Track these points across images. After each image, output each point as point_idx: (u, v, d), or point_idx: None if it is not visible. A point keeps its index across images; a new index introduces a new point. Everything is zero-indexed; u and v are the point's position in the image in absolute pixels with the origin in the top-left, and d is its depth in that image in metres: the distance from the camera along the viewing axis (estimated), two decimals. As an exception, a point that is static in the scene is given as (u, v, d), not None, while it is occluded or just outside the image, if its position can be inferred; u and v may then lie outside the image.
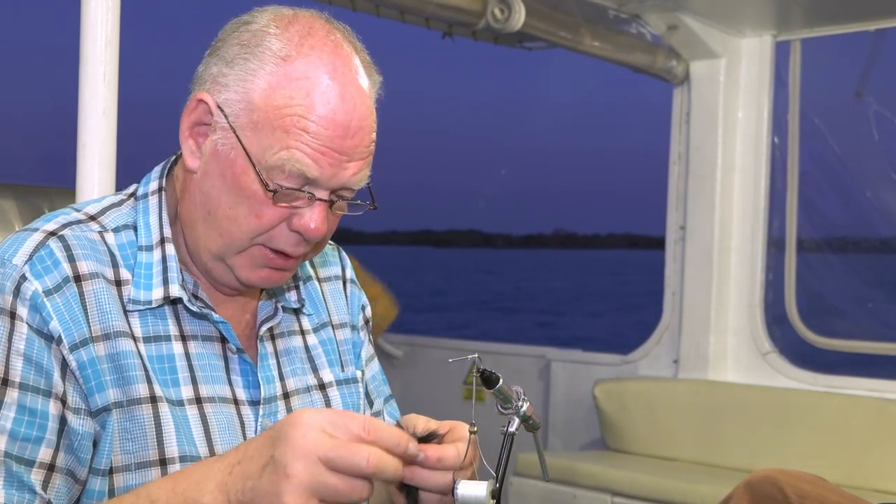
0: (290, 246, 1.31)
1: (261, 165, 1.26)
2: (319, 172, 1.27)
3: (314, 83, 1.26)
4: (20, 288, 1.24)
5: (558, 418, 5.05)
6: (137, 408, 1.27)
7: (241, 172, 1.28)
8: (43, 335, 1.23)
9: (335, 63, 1.28)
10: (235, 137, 1.28)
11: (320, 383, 1.46)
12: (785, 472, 1.84)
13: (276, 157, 1.26)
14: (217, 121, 1.30)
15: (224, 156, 1.29)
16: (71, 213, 1.35)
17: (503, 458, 1.22)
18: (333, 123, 1.26)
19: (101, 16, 1.98)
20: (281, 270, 1.34)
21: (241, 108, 1.28)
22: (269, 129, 1.26)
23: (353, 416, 1.12)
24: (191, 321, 1.35)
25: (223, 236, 1.31)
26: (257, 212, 1.28)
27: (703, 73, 4.56)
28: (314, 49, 1.28)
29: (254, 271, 1.33)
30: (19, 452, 1.20)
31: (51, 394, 1.23)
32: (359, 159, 1.30)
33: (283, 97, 1.26)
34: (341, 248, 1.63)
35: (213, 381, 1.34)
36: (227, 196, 1.29)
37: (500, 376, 1.24)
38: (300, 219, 1.29)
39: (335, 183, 1.29)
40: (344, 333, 1.53)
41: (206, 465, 1.17)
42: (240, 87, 1.28)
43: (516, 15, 3.80)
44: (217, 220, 1.30)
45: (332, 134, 1.26)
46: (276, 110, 1.26)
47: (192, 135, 1.33)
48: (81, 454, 1.25)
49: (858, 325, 4.71)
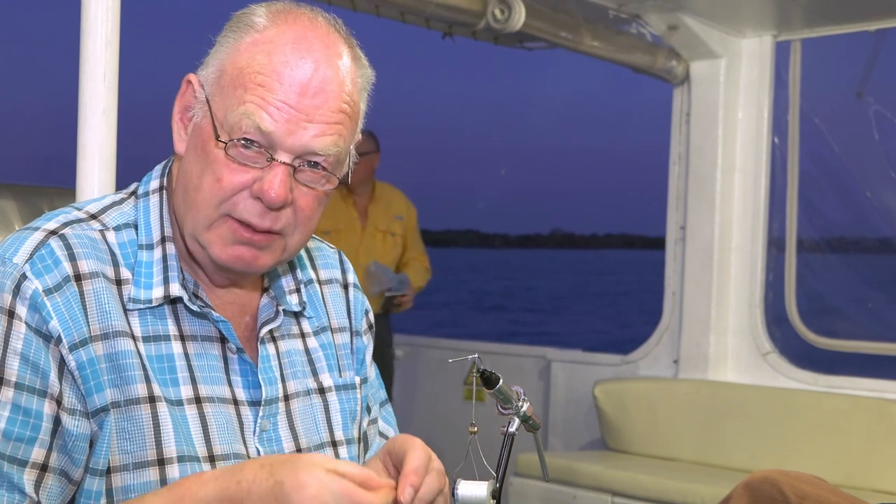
0: (255, 216, 1.29)
1: (222, 125, 1.28)
2: (274, 126, 1.26)
3: (277, 45, 1.28)
4: (20, 287, 1.24)
5: (558, 418, 5.05)
6: (136, 407, 1.26)
7: (207, 137, 1.29)
8: (42, 335, 1.23)
9: (306, 33, 1.30)
10: (207, 106, 1.30)
11: (319, 387, 1.45)
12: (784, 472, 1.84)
13: (235, 114, 1.27)
14: (198, 97, 1.32)
15: (198, 127, 1.31)
16: (71, 212, 1.34)
17: (503, 458, 1.23)
18: (290, 79, 1.27)
19: (101, 16, 1.98)
20: (251, 248, 1.31)
21: (214, 77, 1.31)
22: (231, 89, 1.28)
23: (355, 497, 1.14)
24: (190, 321, 1.34)
25: (192, 208, 1.31)
26: (218, 175, 1.28)
27: (704, 74, 4.56)
28: (288, 21, 1.31)
29: (224, 248, 1.31)
30: (12, 452, 1.20)
31: (46, 394, 1.23)
32: (321, 122, 1.28)
33: (246, 58, 1.28)
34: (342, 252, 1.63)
35: (213, 382, 1.33)
36: (196, 166, 1.30)
37: (500, 376, 1.24)
38: (260, 184, 1.28)
39: (293, 143, 1.27)
40: (342, 338, 1.53)
41: (202, 489, 1.18)
42: (216, 61, 1.31)
43: (516, 15, 3.80)
44: (190, 195, 1.31)
45: (289, 90, 1.26)
46: (238, 71, 1.28)
47: (182, 120, 1.35)
48: (75, 455, 1.25)
49: (858, 325, 4.71)
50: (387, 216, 5.12)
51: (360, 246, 5.00)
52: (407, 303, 5.11)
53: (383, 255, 5.05)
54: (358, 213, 5.04)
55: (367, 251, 5.01)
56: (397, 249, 5.15)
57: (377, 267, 5.01)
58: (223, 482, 1.17)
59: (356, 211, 5.04)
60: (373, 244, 5.04)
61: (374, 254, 5.00)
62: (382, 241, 5.09)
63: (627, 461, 4.40)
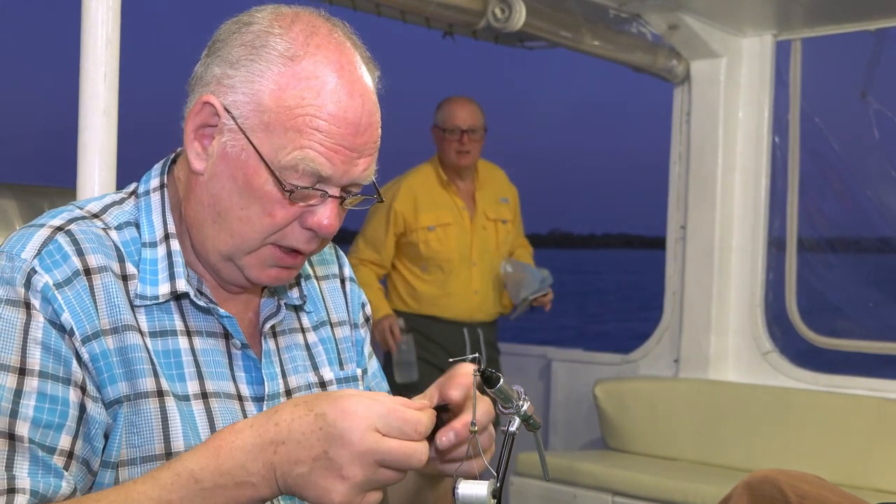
0: (303, 243, 1.32)
1: (274, 166, 1.27)
2: (332, 170, 1.28)
3: (323, 82, 1.27)
4: (31, 281, 1.24)
5: (559, 418, 5.05)
6: (144, 402, 1.27)
7: (253, 174, 1.28)
8: (56, 326, 1.24)
9: (341, 61, 1.29)
10: (246, 139, 1.28)
11: (321, 381, 1.46)
12: (784, 472, 1.84)
13: (290, 157, 1.26)
14: (225, 123, 1.30)
15: (234, 157, 1.29)
16: (75, 210, 1.35)
17: (504, 458, 1.22)
18: (345, 121, 1.27)
19: (101, 16, 1.98)
20: (290, 269, 1.36)
21: (251, 109, 1.28)
22: (282, 130, 1.27)
23: (402, 414, 1.14)
24: (196, 317, 1.35)
25: (234, 237, 1.31)
26: (270, 211, 1.29)
27: (704, 73, 4.56)
28: (320, 48, 1.29)
29: (263, 271, 1.34)
30: (41, 439, 1.20)
31: (70, 381, 1.23)
32: (368, 155, 1.31)
33: (294, 97, 1.26)
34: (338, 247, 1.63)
35: (218, 377, 1.34)
36: (239, 197, 1.29)
37: (500, 376, 1.24)
38: (313, 216, 1.30)
39: (346, 180, 1.30)
40: (342, 332, 1.54)
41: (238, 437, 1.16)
42: (247, 89, 1.28)
43: (517, 14, 3.80)
44: (228, 221, 1.31)
45: (344, 132, 1.27)
46: (287, 111, 1.26)
47: (198, 137, 1.32)
48: (96, 443, 1.25)
49: (859, 324, 4.71)
50: (495, 201, 4.45)
51: (473, 242, 4.35)
52: (549, 303, 4.47)
53: (497, 250, 4.41)
54: (465, 203, 4.37)
55: (481, 247, 4.36)
56: (510, 240, 4.49)
57: (516, 266, 4.40)
58: (259, 427, 1.16)
59: (462, 199, 4.37)
60: (485, 237, 4.37)
61: (487, 249, 4.36)
62: (495, 233, 4.42)
63: (628, 461, 4.40)
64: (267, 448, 1.14)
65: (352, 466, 1.11)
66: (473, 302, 4.35)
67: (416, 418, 1.14)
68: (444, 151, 4.33)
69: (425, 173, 4.38)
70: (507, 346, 5.67)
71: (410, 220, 4.27)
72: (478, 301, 4.36)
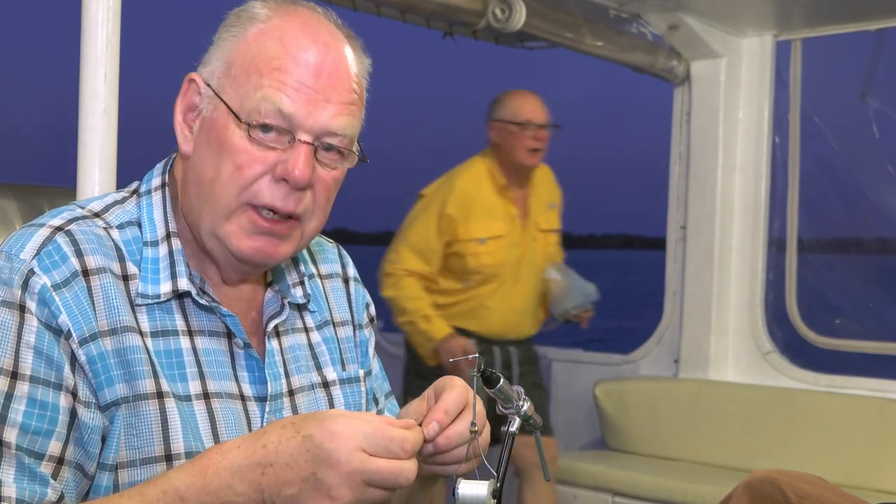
0: (279, 199, 1.30)
1: (239, 113, 1.29)
2: (294, 108, 1.28)
3: (286, 31, 1.31)
4: (28, 282, 1.24)
5: (559, 418, 5.05)
6: (143, 403, 1.26)
7: (222, 128, 1.30)
8: (52, 329, 1.23)
9: (309, 21, 1.33)
10: (217, 98, 1.31)
11: (323, 381, 1.46)
12: (785, 472, 1.84)
13: (252, 99, 1.28)
14: (204, 94, 1.33)
15: (209, 121, 1.32)
16: (76, 210, 1.35)
17: (504, 458, 1.22)
18: (306, 62, 1.29)
19: (101, 16, 1.98)
20: (272, 238, 1.32)
21: (222, 71, 1.32)
22: (245, 77, 1.29)
23: (388, 433, 1.15)
24: (198, 316, 1.34)
25: (209, 202, 1.31)
26: (238, 163, 1.29)
27: (704, 73, 4.56)
28: (290, 13, 1.33)
29: (244, 240, 1.31)
30: (30, 445, 1.20)
31: (61, 387, 1.23)
32: (337, 102, 1.31)
33: (258, 47, 1.30)
34: None
35: (220, 377, 1.34)
36: (212, 158, 1.31)
37: (500, 376, 1.24)
38: (284, 165, 1.29)
39: (313, 123, 1.29)
40: (345, 331, 1.53)
41: (225, 458, 1.17)
42: (221, 55, 1.33)
43: (517, 15, 3.80)
44: (204, 189, 1.31)
45: (305, 71, 1.29)
46: (250, 59, 1.30)
47: (186, 120, 1.35)
48: (90, 448, 1.25)
49: (859, 324, 4.71)
50: (545, 208, 4.00)
51: (524, 256, 3.90)
52: (587, 321, 4.06)
53: (544, 264, 3.97)
54: (518, 210, 3.89)
55: (530, 263, 3.92)
56: (555, 252, 4.06)
57: (564, 274, 3.96)
58: (247, 449, 1.17)
59: (516, 207, 3.89)
60: (534, 251, 3.93)
61: (535, 264, 3.93)
62: (544, 245, 3.99)
63: (628, 461, 4.40)
64: (254, 469, 1.15)
65: (340, 487, 1.12)
66: (510, 321, 3.92)
67: (402, 436, 1.15)
68: (512, 149, 3.82)
69: (477, 173, 3.86)
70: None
71: (461, 228, 3.77)
72: (515, 320, 3.94)
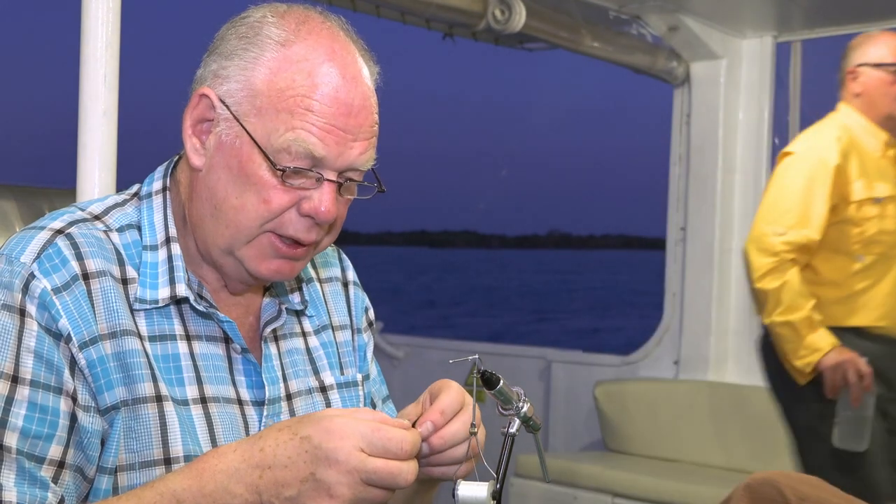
0: (302, 232, 1.30)
1: (267, 149, 1.27)
2: (326, 151, 1.27)
3: (315, 64, 1.28)
4: (29, 286, 1.23)
5: (559, 419, 5.05)
6: (142, 406, 1.26)
7: (247, 159, 1.28)
8: (52, 333, 1.23)
9: (333, 46, 1.30)
10: (239, 125, 1.28)
11: (321, 386, 1.46)
12: (785, 474, 1.83)
13: (282, 139, 1.26)
14: (220, 113, 1.30)
15: (229, 146, 1.29)
16: (76, 212, 1.34)
17: (504, 459, 1.22)
18: (337, 101, 1.27)
19: (101, 16, 1.97)
20: (292, 261, 1.33)
21: (244, 95, 1.28)
22: (273, 112, 1.27)
23: (386, 433, 1.15)
24: (195, 321, 1.34)
25: (230, 227, 1.30)
26: (265, 197, 1.28)
27: (704, 74, 4.57)
28: (311, 33, 1.30)
29: (264, 262, 1.32)
30: (30, 449, 1.20)
31: (61, 391, 1.23)
32: (363, 139, 1.30)
33: (286, 80, 1.27)
34: None
35: (218, 382, 1.33)
36: (234, 186, 1.29)
37: (500, 377, 1.24)
38: (310, 202, 1.29)
39: (342, 163, 1.29)
40: (343, 335, 1.53)
41: (222, 461, 1.17)
42: (241, 76, 1.29)
43: (517, 16, 3.81)
44: (224, 212, 1.30)
45: (336, 112, 1.27)
46: (279, 93, 1.27)
47: (196, 133, 1.33)
48: (90, 452, 1.25)
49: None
50: None
51: None
52: None
53: None
54: None
55: None
56: None
57: None
58: (244, 452, 1.17)
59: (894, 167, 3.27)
60: None
61: None
62: None
63: (628, 462, 4.40)
64: (252, 472, 1.15)
65: (339, 486, 1.13)
66: None
67: (400, 437, 1.15)
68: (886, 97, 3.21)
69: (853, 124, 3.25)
70: (506, 347, 5.68)
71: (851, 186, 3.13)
72: None
